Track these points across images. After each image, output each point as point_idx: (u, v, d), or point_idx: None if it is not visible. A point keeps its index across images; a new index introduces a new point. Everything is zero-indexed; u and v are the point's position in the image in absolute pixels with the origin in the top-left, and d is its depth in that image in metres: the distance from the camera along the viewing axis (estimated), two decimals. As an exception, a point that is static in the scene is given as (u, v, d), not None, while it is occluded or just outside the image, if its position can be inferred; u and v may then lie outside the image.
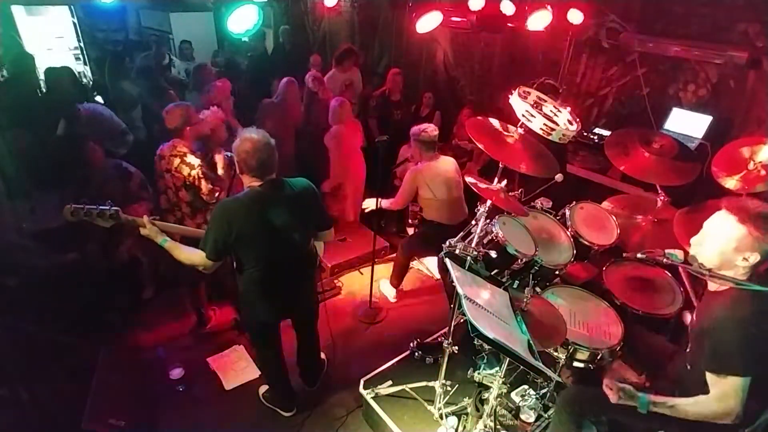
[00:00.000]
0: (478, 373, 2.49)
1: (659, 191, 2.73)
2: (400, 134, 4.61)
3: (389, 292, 3.84)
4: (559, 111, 2.42)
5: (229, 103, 4.23)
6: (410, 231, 4.30)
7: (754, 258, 1.58)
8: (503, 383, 2.35)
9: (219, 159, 2.97)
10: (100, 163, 3.42)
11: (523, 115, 2.28)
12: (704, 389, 1.68)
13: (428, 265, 4.18)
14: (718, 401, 1.60)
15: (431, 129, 3.36)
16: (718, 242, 1.64)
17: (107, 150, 3.46)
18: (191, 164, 2.81)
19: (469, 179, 2.52)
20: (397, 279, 3.77)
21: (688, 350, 1.86)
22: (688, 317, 2.22)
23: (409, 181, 3.36)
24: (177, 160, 2.81)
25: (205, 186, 2.83)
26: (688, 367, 1.85)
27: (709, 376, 1.62)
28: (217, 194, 2.89)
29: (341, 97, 4.39)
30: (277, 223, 2.13)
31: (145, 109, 4.73)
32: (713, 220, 1.68)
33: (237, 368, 3.10)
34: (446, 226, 3.37)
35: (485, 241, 2.39)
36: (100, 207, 2.14)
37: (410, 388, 2.64)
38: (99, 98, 5.43)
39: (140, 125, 4.70)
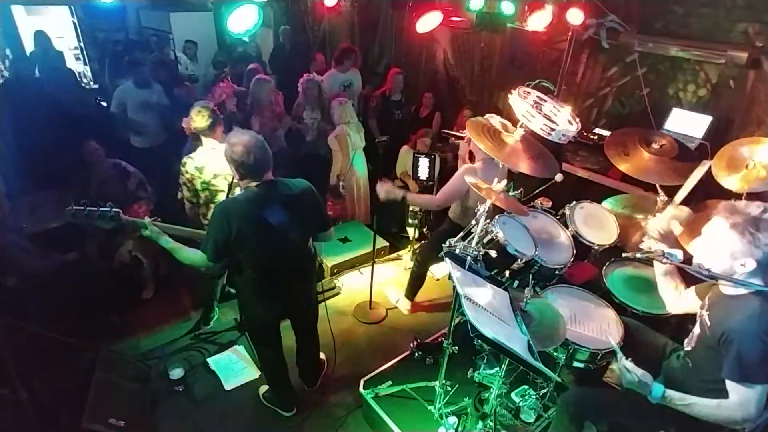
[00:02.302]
0: (478, 373, 2.49)
1: (659, 191, 2.73)
2: (400, 134, 4.62)
3: (403, 305, 3.71)
4: (558, 111, 2.42)
5: (232, 103, 4.27)
6: (410, 231, 4.29)
7: (750, 264, 1.55)
8: (503, 383, 2.35)
9: None
10: (101, 162, 3.42)
11: (523, 115, 2.28)
12: (706, 387, 1.67)
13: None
14: (739, 408, 1.57)
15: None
16: (714, 249, 1.63)
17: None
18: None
19: (468, 179, 2.51)
20: (412, 293, 3.64)
21: (690, 349, 1.85)
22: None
23: (460, 179, 2.93)
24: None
25: None
26: (690, 364, 1.84)
27: (730, 384, 1.59)
28: None
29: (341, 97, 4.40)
30: (276, 223, 2.11)
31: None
32: (708, 226, 1.67)
33: (237, 368, 3.10)
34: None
35: (485, 241, 2.39)
36: (101, 209, 2.13)
37: (410, 388, 2.64)
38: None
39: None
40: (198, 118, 2.75)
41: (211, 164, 2.77)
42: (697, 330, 1.83)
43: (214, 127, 2.78)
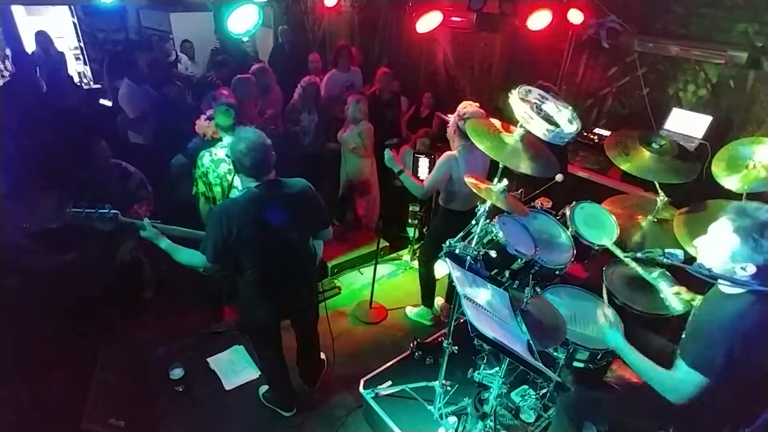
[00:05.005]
0: (478, 373, 2.49)
1: (659, 191, 2.73)
2: (391, 134, 4.62)
3: (424, 316, 3.60)
4: (559, 110, 2.42)
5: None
6: (410, 231, 4.29)
7: (751, 269, 1.54)
8: (503, 383, 2.35)
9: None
10: (106, 163, 3.41)
11: (523, 116, 2.27)
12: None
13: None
14: (678, 384, 1.62)
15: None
16: (716, 249, 1.62)
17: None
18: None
19: (468, 179, 2.51)
20: (428, 298, 3.53)
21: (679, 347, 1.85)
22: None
23: (441, 166, 3.07)
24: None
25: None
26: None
27: (681, 363, 1.61)
28: None
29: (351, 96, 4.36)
30: (275, 224, 2.12)
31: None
32: (713, 227, 1.65)
33: (237, 368, 3.10)
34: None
35: (485, 241, 2.39)
36: (99, 210, 2.14)
37: (410, 388, 2.64)
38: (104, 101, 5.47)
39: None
40: (222, 117, 2.86)
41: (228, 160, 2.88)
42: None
43: (236, 126, 2.86)
